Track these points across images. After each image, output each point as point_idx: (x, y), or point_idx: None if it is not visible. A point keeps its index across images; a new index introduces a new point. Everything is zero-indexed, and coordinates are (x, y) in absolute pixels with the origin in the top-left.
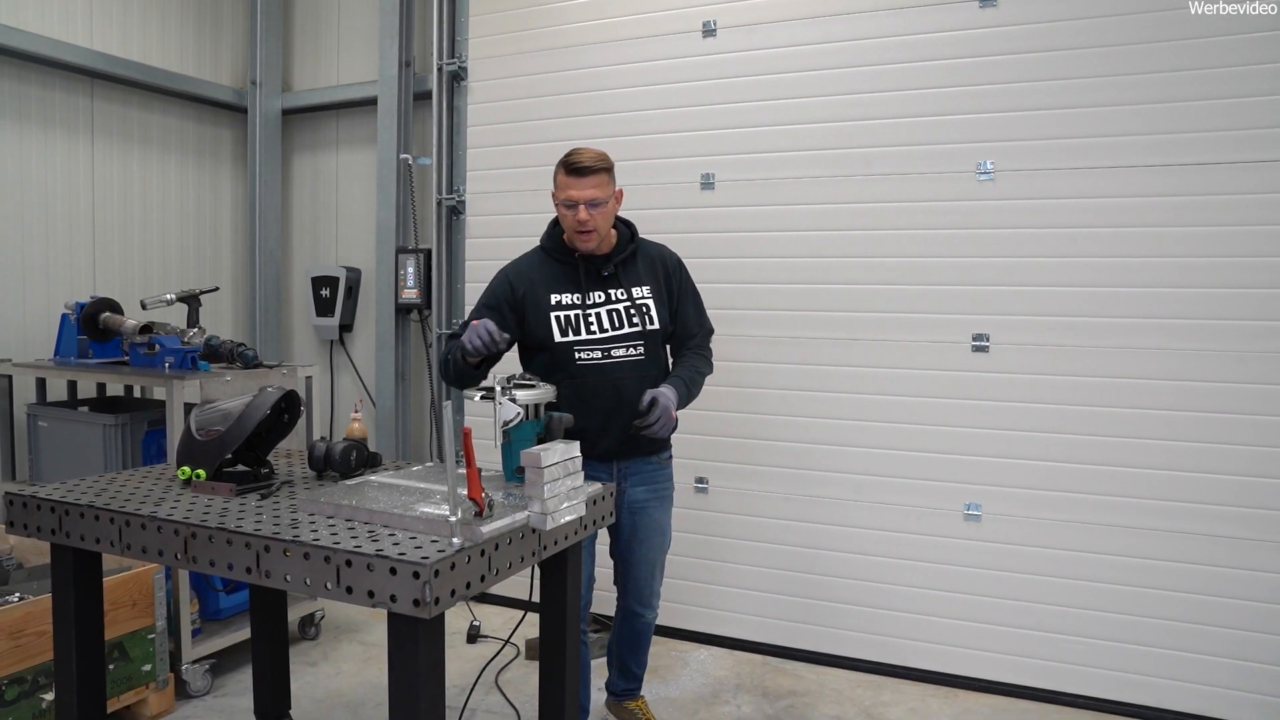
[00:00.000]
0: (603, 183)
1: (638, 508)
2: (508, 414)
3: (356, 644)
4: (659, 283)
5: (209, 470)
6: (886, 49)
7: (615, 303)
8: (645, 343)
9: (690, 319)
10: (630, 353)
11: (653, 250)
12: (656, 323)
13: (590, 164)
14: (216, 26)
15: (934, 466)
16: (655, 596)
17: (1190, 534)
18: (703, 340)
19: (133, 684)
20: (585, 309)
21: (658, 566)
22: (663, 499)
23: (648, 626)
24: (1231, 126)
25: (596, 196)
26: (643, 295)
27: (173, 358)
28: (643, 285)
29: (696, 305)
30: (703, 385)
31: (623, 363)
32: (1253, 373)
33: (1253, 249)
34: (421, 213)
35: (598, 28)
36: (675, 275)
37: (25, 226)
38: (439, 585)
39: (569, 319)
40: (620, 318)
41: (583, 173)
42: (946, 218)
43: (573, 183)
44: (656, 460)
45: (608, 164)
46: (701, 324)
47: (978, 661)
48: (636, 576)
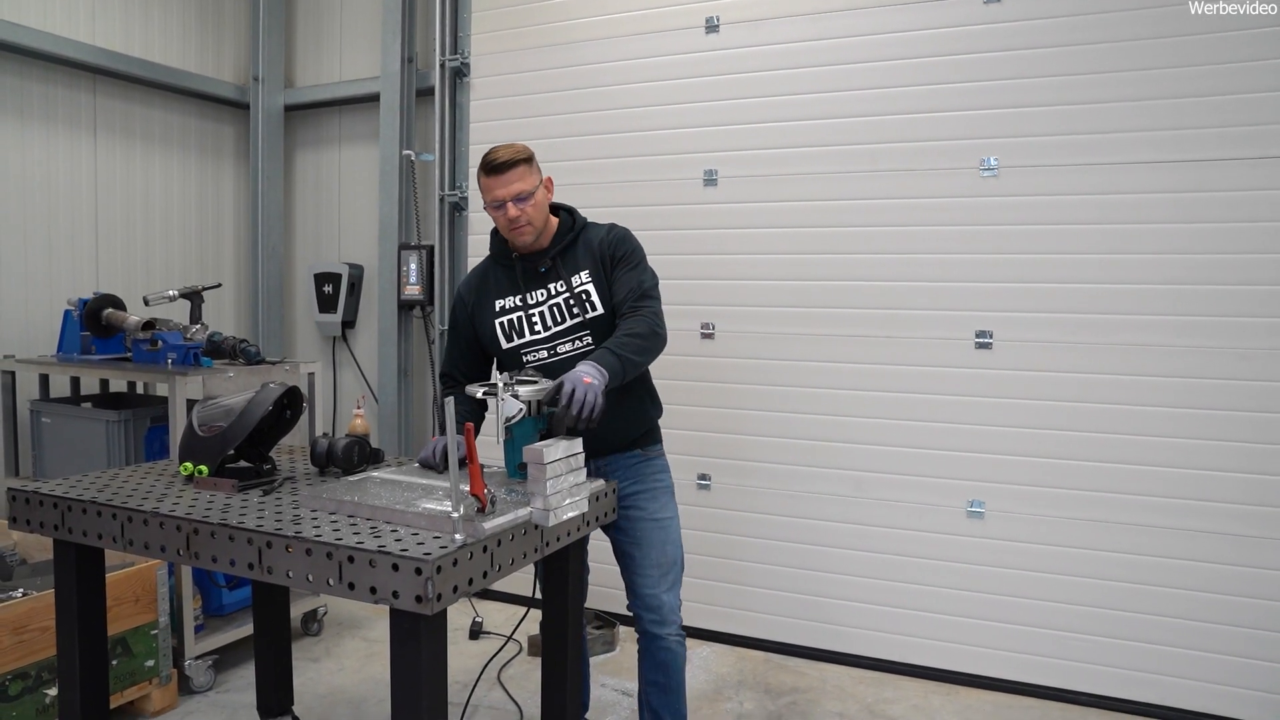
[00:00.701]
0: (524, 174)
1: (626, 504)
2: (510, 410)
3: (359, 640)
4: (597, 262)
5: (211, 466)
6: (890, 45)
7: (555, 297)
8: (591, 331)
9: (624, 282)
10: (578, 345)
11: (596, 232)
12: (600, 308)
13: (507, 159)
14: (219, 22)
15: (937, 463)
16: (670, 610)
17: (1194, 531)
18: (638, 303)
19: (136, 679)
20: (527, 310)
21: (665, 571)
22: (654, 492)
23: (672, 656)
24: (1234, 123)
25: (521, 190)
26: (582, 282)
27: (175, 354)
28: (581, 271)
29: (633, 266)
30: (649, 344)
31: (571, 358)
32: (1256, 369)
33: (1255, 245)
34: (424, 209)
35: (601, 23)
36: (612, 248)
37: (28, 223)
38: (441, 581)
39: (512, 323)
40: (561, 312)
41: (500, 169)
42: (950, 214)
43: (493, 182)
44: (640, 453)
45: (526, 154)
46: (640, 285)
47: (980, 658)
48: (640, 584)
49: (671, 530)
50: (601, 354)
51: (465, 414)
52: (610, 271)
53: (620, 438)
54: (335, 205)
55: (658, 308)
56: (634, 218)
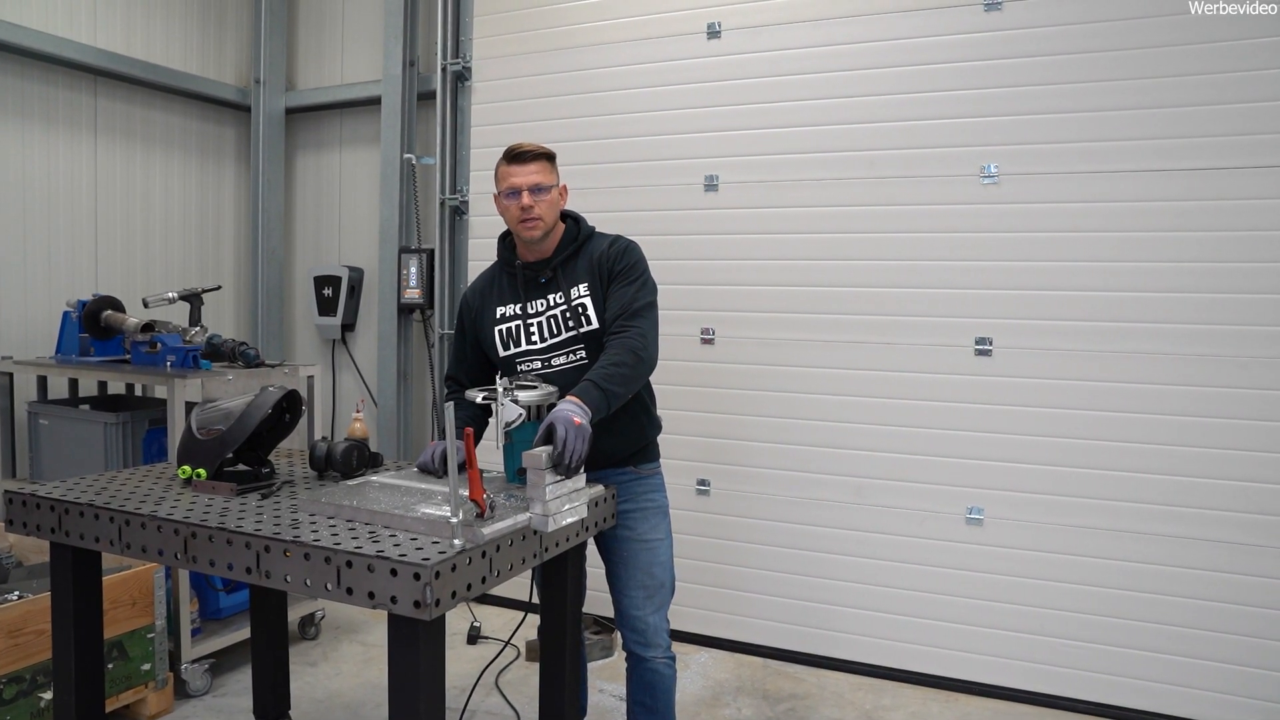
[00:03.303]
0: (544, 169)
1: (617, 523)
2: (510, 415)
3: (356, 644)
4: (595, 275)
5: (210, 469)
6: (892, 52)
7: (554, 308)
8: (585, 346)
9: (618, 299)
10: (572, 359)
11: (600, 243)
12: (595, 322)
13: (531, 149)
14: (220, 24)
15: (936, 470)
16: (655, 633)
17: (1192, 539)
18: (625, 322)
19: (131, 683)
20: (526, 319)
21: (651, 593)
22: (645, 512)
23: (659, 678)
24: (1235, 131)
25: (539, 181)
26: (579, 295)
27: (174, 356)
28: (580, 284)
29: (629, 281)
30: (633, 372)
31: (565, 370)
32: (1254, 378)
33: (1255, 254)
34: (425, 212)
35: (603, 28)
36: (612, 261)
37: (28, 224)
38: (440, 587)
39: (510, 331)
40: (558, 324)
41: (522, 158)
42: (951, 221)
43: (513, 169)
44: (634, 470)
45: (549, 153)
46: (633, 301)
47: (978, 666)
48: (626, 604)
49: (660, 552)
50: (585, 388)
51: (467, 419)
52: (608, 285)
53: (613, 453)
54: (336, 208)
55: (646, 327)
56: (635, 223)
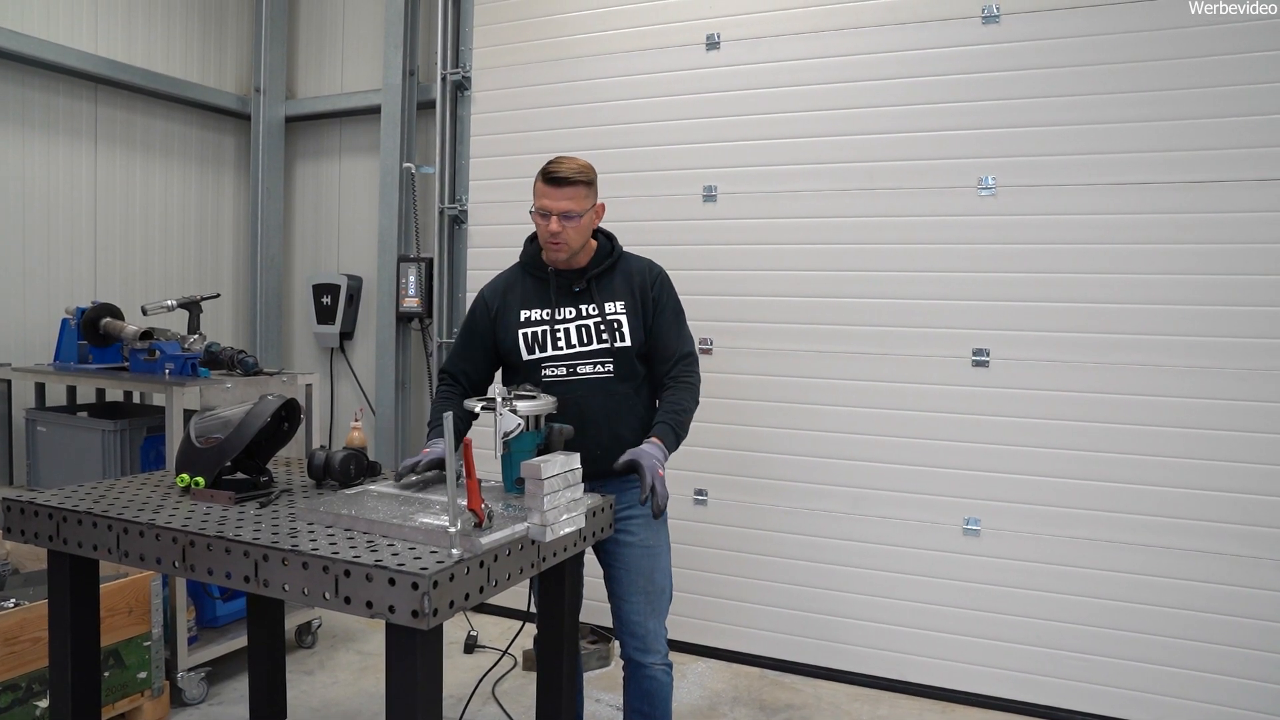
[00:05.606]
0: (579, 195)
1: (618, 529)
2: (508, 425)
3: (354, 653)
4: (635, 298)
5: (208, 478)
6: (890, 64)
7: (585, 318)
8: (615, 360)
9: (669, 338)
10: (598, 370)
11: (635, 264)
12: (629, 340)
13: (569, 175)
14: (221, 33)
15: (933, 481)
16: (654, 638)
17: (1190, 550)
18: (684, 367)
19: (128, 691)
20: (554, 325)
21: (652, 599)
22: (647, 519)
23: (658, 685)
24: (1233, 145)
25: (570, 209)
26: (615, 311)
27: (173, 364)
28: (617, 300)
29: (676, 321)
30: (691, 420)
31: (588, 380)
32: (1252, 390)
33: (1253, 266)
34: (424, 221)
35: (602, 39)
36: (654, 289)
37: (27, 231)
38: (438, 596)
39: (535, 335)
40: (589, 334)
41: (560, 183)
42: (948, 232)
43: (548, 192)
44: (635, 477)
45: (589, 177)
46: (682, 344)
47: (975, 677)
48: (626, 610)
49: (661, 559)
50: (664, 431)
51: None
52: (649, 311)
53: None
54: (335, 216)
55: (697, 367)
56: (633, 233)
